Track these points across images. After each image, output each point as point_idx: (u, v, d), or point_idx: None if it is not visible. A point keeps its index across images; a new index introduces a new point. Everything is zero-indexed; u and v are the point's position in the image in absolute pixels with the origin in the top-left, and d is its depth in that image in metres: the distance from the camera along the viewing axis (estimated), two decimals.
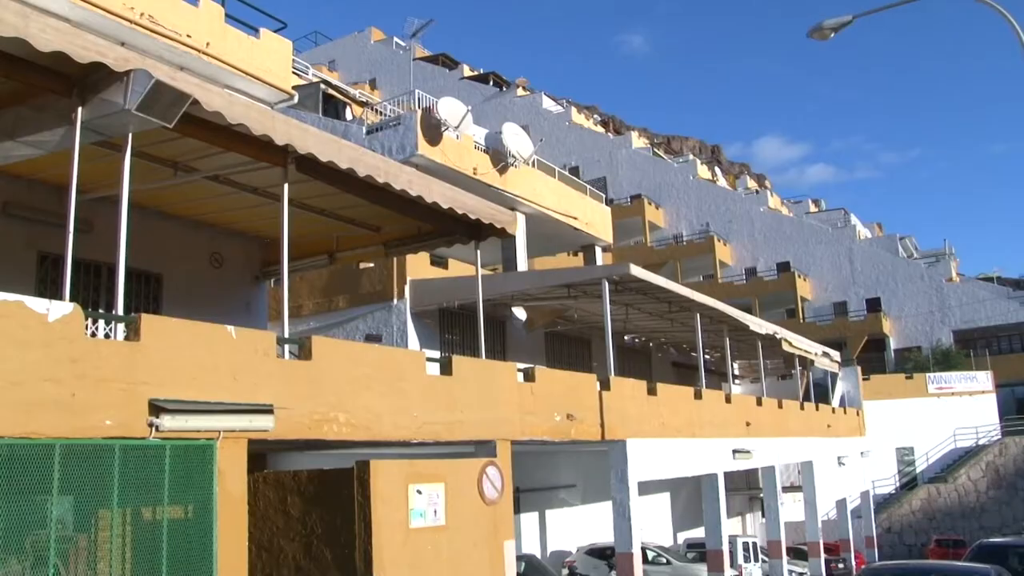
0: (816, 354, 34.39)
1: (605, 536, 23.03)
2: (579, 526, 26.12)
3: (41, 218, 12.67)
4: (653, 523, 29.31)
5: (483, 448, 12.98)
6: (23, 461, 7.05)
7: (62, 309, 7.67)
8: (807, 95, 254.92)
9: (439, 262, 24.83)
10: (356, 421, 10.58)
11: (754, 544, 28.19)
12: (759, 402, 25.73)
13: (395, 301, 23.30)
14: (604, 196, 35.08)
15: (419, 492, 10.73)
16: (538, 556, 24.21)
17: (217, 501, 8.68)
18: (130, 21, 14.10)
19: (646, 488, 19.15)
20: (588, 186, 33.10)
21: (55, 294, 8.46)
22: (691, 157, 79.81)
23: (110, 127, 9.18)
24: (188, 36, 15.06)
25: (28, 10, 8.07)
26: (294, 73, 21.63)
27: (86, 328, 8.04)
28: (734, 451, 22.31)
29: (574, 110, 75.37)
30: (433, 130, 23.36)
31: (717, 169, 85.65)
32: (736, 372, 40.11)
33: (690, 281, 56.07)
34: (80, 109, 8.83)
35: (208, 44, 15.41)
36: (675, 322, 27.00)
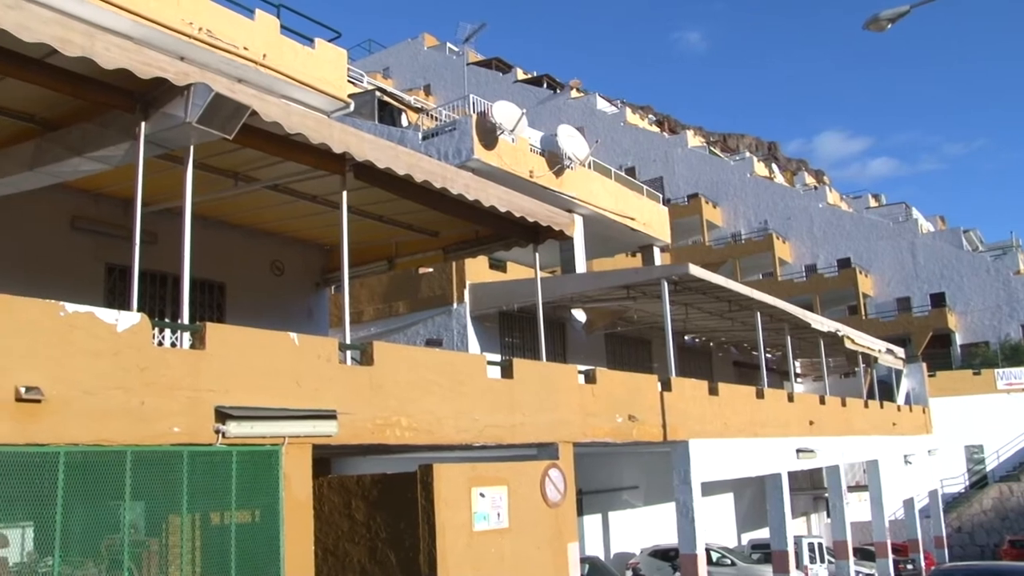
0: (879, 351, 33.80)
1: (668, 537, 22.86)
2: (642, 528, 25.98)
3: (108, 231, 12.96)
4: (717, 524, 29.04)
5: (545, 450, 12.97)
6: (97, 468, 7.23)
7: (130, 319, 7.83)
8: (868, 88, 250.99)
9: (498, 265, 24.88)
10: (418, 425, 10.64)
11: (820, 545, 27.77)
12: (822, 401, 25.36)
13: (455, 305, 23.38)
14: (661, 196, 34.87)
15: (482, 495, 10.76)
16: (601, 558, 24.13)
17: (283, 506, 8.79)
18: (189, 36, 14.37)
19: (709, 489, 18.98)
20: (645, 186, 32.93)
21: (123, 305, 8.64)
22: (748, 154, 78.90)
23: (172, 140, 9.36)
24: (245, 49, 15.30)
25: (93, 30, 8.28)
26: (349, 81, 21.86)
27: (153, 337, 8.21)
28: (797, 450, 22.01)
29: (628, 110, 75.00)
30: (488, 134, 23.43)
31: (774, 166, 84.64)
32: (798, 371, 39.56)
33: (749, 280, 55.47)
34: (143, 124, 9.02)
35: (265, 56, 15.64)
36: (735, 321, 26.73)
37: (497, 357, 13.67)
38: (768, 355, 31.59)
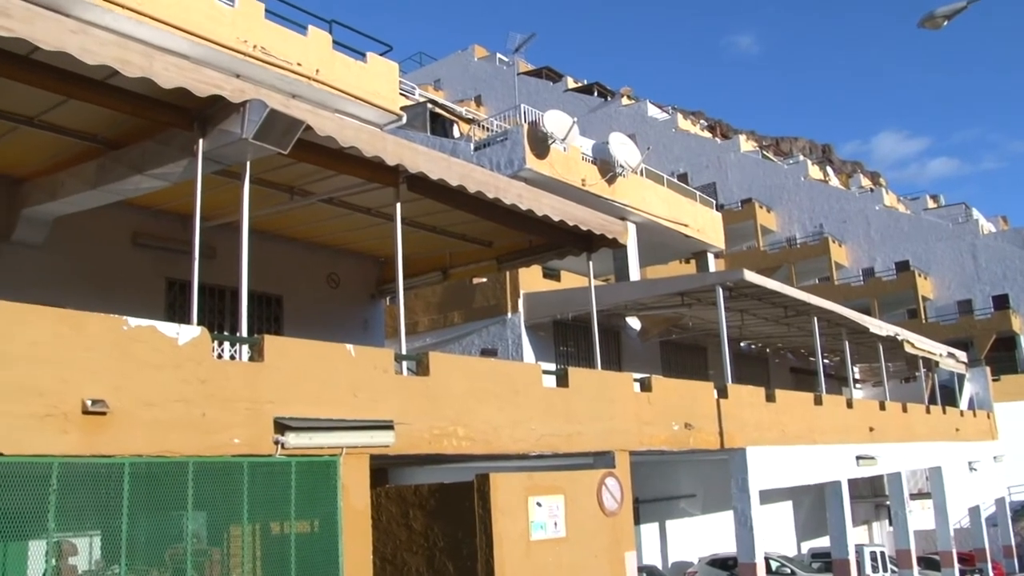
0: (940, 355, 33.14)
1: (727, 546, 22.63)
2: (700, 536, 25.75)
3: (168, 246, 13.21)
4: (776, 532, 28.68)
5: (601, 459, 12.93)
6: (160, 478, 7.37)
7: (191, 333, 7.97)
8: (928, 87, 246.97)
9: (551, 274, 24.87)
10: (474, 435, 10.67)
11: (882, 554, 27.27)
12: (882, 406, 24.94)
13: (509, 315, 23.42)
14: (714, 202, 34.60)
15: (539, 504, 10.76)
16: (659, 567, 23.96)
17: (342, 515, 8.86)
18: (244, 54, 14.62)
19: (768, 496, 18.76)
20: (697, 192, 32.72)
21: (183, 318, 8.80)
22: (801, 158, 78.00)
23: (229, 156, 9.53)
24: (298, 64, 15.52)
25: (152, 50, 8.46)
26: (401, 94, 22.06)
27: (213, 350, 8.34)
28: (858, 457, 21.67)
29: (680, 116, 74.62)
30: (540, 143, 23.46)
31: (829, 169, 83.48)
32: (857, 376, 38.94)
33: (805, 284, 54.71)
34: (201, 141, 9.20)
35: (318, 71, 15.85)
36: (792, 327, 26.41)
37: (552, 366, 13.69)
38: (826, 361, 31.17)
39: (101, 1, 12.46)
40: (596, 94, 71.08)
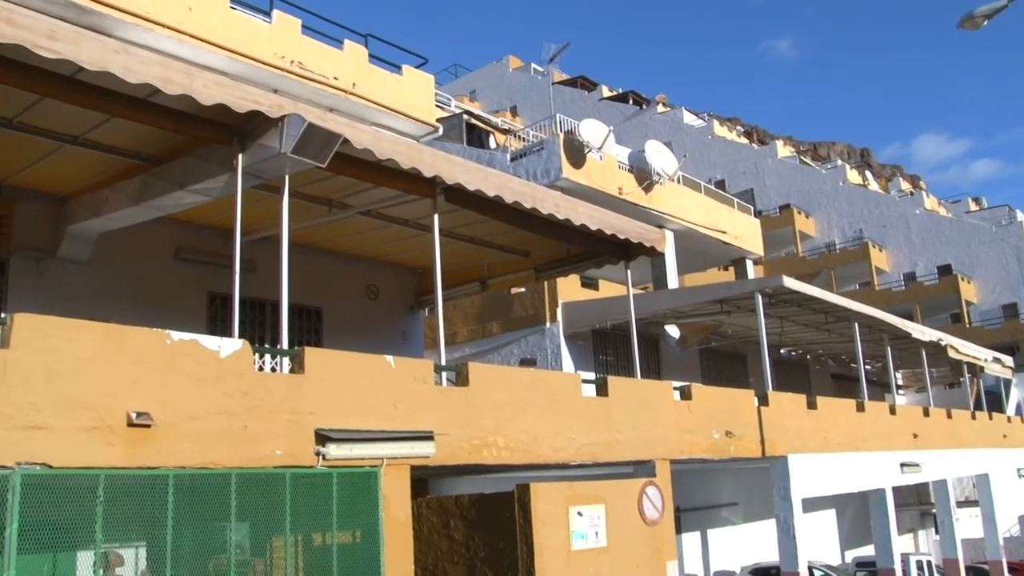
0: (986, 360, 32.63)
1: (770, 555, 22.41)
2: (742, 545, 25.52)
3: (209, 260, 13.37)
4: (819, 541, 28.34)
5: (642, 468, 12.88)
6: (204, 490, 7.45)
7: (232, 346, 8.06)
8: (970, 88, 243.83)
9: (589, 284, 24.85)
10: (514, 445, 10.68)
11: (929, 563, 26.85)
12: (926, 413, 24.61)
13: (548, 324, 23.42)
14: (752, 208, 34.36)
15: (580, 514, 10.74)
16: None
17: (383, 526, 8.90)
18: (281, 69, 14.77)
19: (810, 505, 18.57)
20: (735, 199, 32.53)
21: (224, 331, 8.89)
22: (840, 162, 77.23)
23: (268, 171, 9.65)
24: (335, 78, 15.65)
25: (192, 68, 8.60)
26: (437, 106, 22.15)
27: (254, 363, 8.43)
28: (902, 465, 21.39)
29: (716, 123, 74.27)
30: (576, 153, 23.47)
31: (868, 173, 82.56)
32: (899, 382, 38.46)
33: (846, 290, 54.13)
34: (240, 156, 9.32)
35: (354, 84, 15.98)
36: (832, 333, 26.16)
37: (592, 375, 13.66)
38: (868, 367, 30.81)
39: (142, 21, 12.65)
40: (631, 102, 70.93)
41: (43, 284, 12.09)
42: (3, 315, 6.96)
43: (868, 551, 26.24)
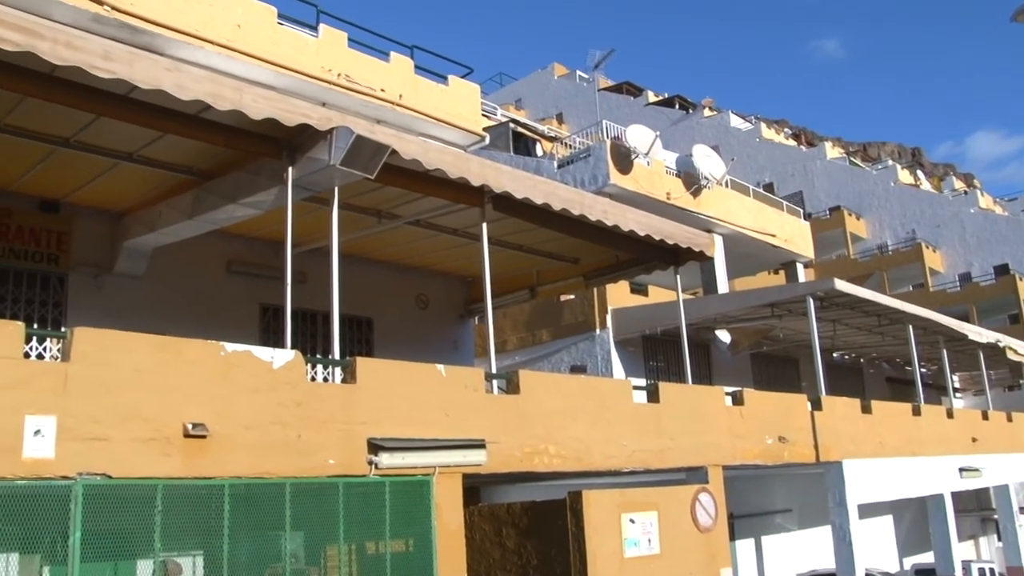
0: None
1: (826, 562, 22.11)
2: (798, 552, 25.19)
3: (261, 272, 13.54)
4: (876, 547, 27.88)
5: (694, 474, 12.80)
6: (259, 500, 7.55)
7: (285, 356, 8.16)
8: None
9: (639, 289, 24.73)
10: (566, 452, 10.67)
11: (991, 570, 26.27)
12: (985, 416, 24.12)
13: (598, 331, 23.35)
14: (801, 210, 34.04)
15: (632, 521, 10.68)
16: None
17: (436, 534, 8.93)
18: (328, 82, 14.93)
19: (867, 511, 18.31)
20: (784, 202, 32.23)
21: (277, 343, 9.00)
22: (890, 162, 76.09)
23: (318, 183, 9.76)
24: (382, 90, 15.78)
25: (241, 83, 8.74)
26: (483, 115, 22.21)
27: (307, 373, 8.52)
28: (961, 469, 20.99)
29: (763, 125, 73.57)
30: (623, 159, 23.41)
31: (919, 173, 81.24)
32: (956, 385, 37.71)
33: (899, 292, 53.27)
34: (290, 169, 9.43)
35: (401, 96, 16.10)
36: (886, 336, 25.77)
37: (642, 381, 13.60)
38: (923, 370, 30.32)
39: (193, 39, 12.87)
40: (677, 107, 70.61)
41: (101, 299, 12.33)
42: (63, 329, 7.12)
43: (928, 558, 25.75)
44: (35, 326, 11.62)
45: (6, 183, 11.33)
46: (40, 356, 10.55)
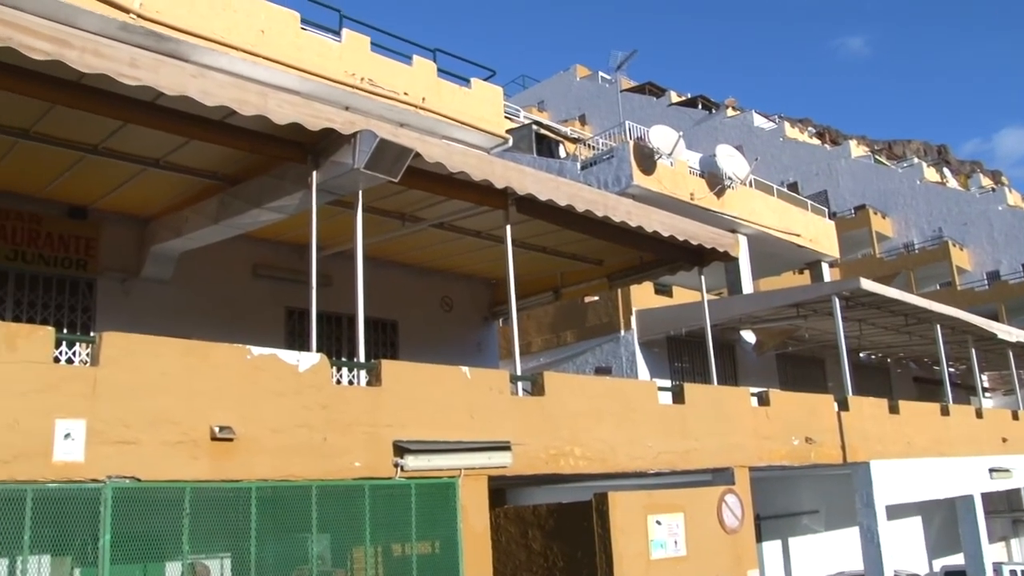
0: None
1: (853, 564, 21.96)
2: (825, 553, 25.03)
3: (286, 276, 13.62)
4: (905, 549, 27.66)
5: (720, 476, 12.75)
6: (285, 502, 7.60)
7: (311, 360, 8.20)
8: None
9: (663, 290, 24.67)
10: (591, 454, 10.66)
11: (1023, 572, 26.02)
12: (1015, 416, 23.87)
13: (622, 332, 23.31)
14: (826, 210, 33.83)
15: (658, 523, 10.66)
16: None
17: (462, 537, 8.95)
18: (352, 86, 14.98)
19: (895, 512, 18.16)
20: (809, 201, 32.07)
21: (303, 346, 9.05)
22: (916, 160, 75.43)
23: (342, 187, 9.81)
24: (405, 94, 15.83)
25: (265, 89, 8.80)
26: (506, 117, 22.24)
27: (332, 376, 8.56)
28: (991, 470, 20.79)
29: (787, 124, 73.14)
30: (646, 159, 23.37)
31: (946, 170, 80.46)
32: (985, 384, 37.33)
33: (926, 291, 52.78)
34: (315, 173, 9.48)
35: (424, 99, 16.14)
36: (913, 335, 25.56)
37: (667, 383, 13.56)
38: (951, 369, 30.07)
39: (217, 45, 12.97)
40: (700, 107, 70.35)
41: (128, 303, 12.44)
42: (92, 334, 7.19)
43: (958, 560, 25.52)
44: (65, 331, 11.74)
45: (36, 190, 11.47)
46: (70, 361, 10.65)
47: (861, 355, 30.48)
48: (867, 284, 19.24)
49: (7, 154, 10.14)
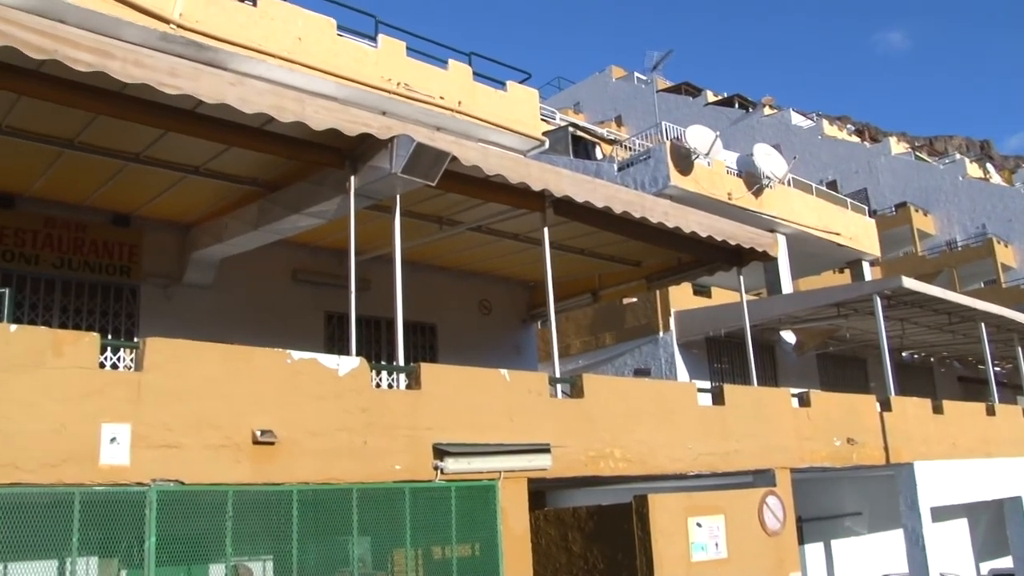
0: None
1: (898, 566, 21.70)
2: (869, 556, 24.76)
3: (325, 281, 13.72)
4: (951, 551, 27.27)
5: (761, 477, 12.66)
6: (326, 505, 7.66)
7: (350, 363, 8.26)
8: None
9: (702, 291, 24.55)
10: (631, 456, 10.64)
11: None
12: None
13: (661, 334, 23.23)
14: (866, 208, 33.49)
15: (699, 525, 10.61)
16: None
17: (502, 539, 8.96)
18: (388, 91, 15.08)
19: (940, 514, 17.92)
20: (848, 199, 31.77)
21: (342, 350, 9.12)
22: (958, 156, 74.40)
23: (380, 191, 9.86)
24: (441, 98, 15.90)
25: (303, 95, 8.88)
26: (542, 119, 22.26)
27: (372, 379, 8.62)
28: None
29: (825, 122, 72.42)
30: (683, 160, 23.28)
31: (989, 166, 79.25)
32: None
33: (970, 289, 51.98)
34: (352, 178, 9.55)
35: (460, 103, 16.19)
36: (957, 334, 25.21)
37: (707, 384, 13.49)
38: (997, 368, 29.60)
39: (255, 53, 13.10)
40: (737, 106, 69.87)
41: (171, 309, 12.60)
42: (136, 340, 7.30)
43: (1006, 563, 25.14)
44: (109, 337, 11.93)
45: (81, 199, 11.66)
46: (115, 366, 10.81)
47: (904, 355, 30.13)
48: (909, 283, 19.01)
49: (53, 164, 10.33)
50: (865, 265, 30.17)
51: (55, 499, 6.29)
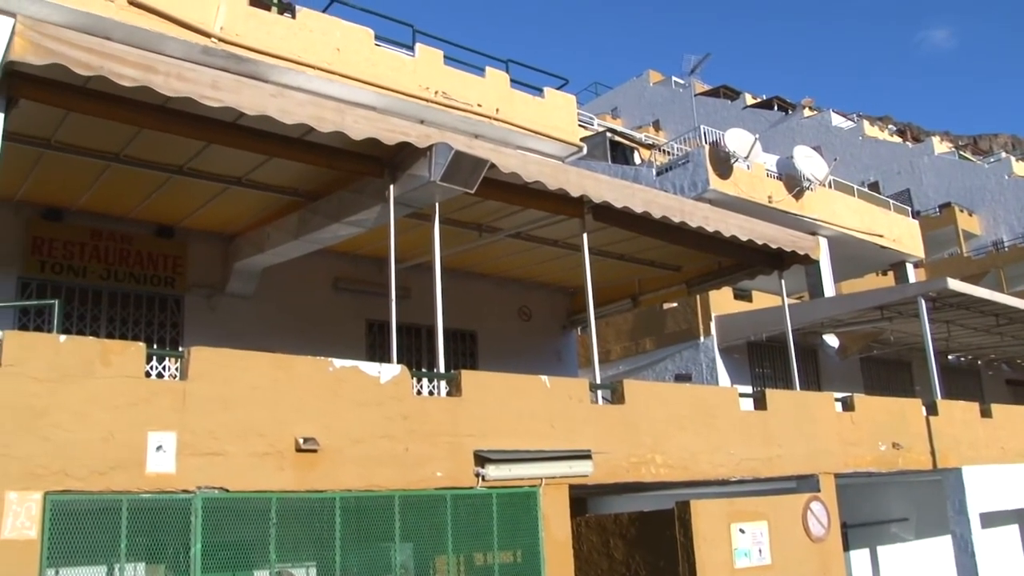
0: None
1: (947, 574, 21.37)
2: (916, 563, 24.41)
3: (366, 289, 13.82)
4: (1002, 558, 26.80)
5: (805, 483, 12.54)
6: (369, 512, 7.71)
7: (392, 371, 8.31)
8: None
9: (743, 295, 24.39)
10: (673, 462, 10.59)
11: None
12: None
13: (702, 339, 23.11)
14: (909, 209, 33.04)
15: (742, 531, 10.54)
16: None
17: (543, 546, 8.96)
18: (426, 100, 15.13)
19: (990, 520, 17.64)
20: (891, 200, 31.41)
21: (383, 357, 9.17)
22: (1004, 155, 73.20)
23: (419, 199, 9.93)
24: (479, 105, 15.93)
25: (342, 105, 8.98)
26: (580, 125, 22.23)
27: (413, 387, 8.67)
28: None
29: (866, 123, 71.60)
30: (722, 163, 23.15)
31: None
32: None
33: (1017, 290, 51.10)
34: (392, 186, 9.64)
35: (498, 110, 16.22)
36: (1005, 336, 24.81)
37: (749, 389, 13.41)
38: None
39: (295, 65, 13.23)
40: (776, 108, 69.23)
41: (214, 318, 12.77)
42: (181, 349, 7.41)
43: None
44: (155, 346, 12.10)
45: (126, 211, 11.87)
46: (160, 375, 10.96)
47: (950, 357, 29.70)
48: (954, 284, 18.76)
49: (100, 178, 10.53)
50: (909, 267, 29.80)
51: (104, 506, 6.40)
